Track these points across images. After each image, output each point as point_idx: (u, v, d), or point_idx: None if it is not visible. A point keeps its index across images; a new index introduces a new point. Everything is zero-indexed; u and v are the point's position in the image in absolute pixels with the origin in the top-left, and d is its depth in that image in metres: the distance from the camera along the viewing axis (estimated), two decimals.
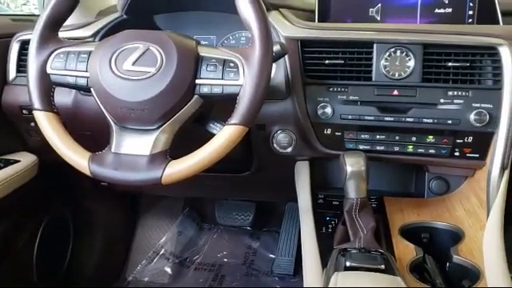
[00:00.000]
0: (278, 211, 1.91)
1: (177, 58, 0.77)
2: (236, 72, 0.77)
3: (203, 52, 0.80)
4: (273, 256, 1.77)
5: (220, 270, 1.74)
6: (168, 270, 1.75)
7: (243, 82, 0.76)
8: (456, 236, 0.96)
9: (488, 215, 0.93)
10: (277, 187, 1.39)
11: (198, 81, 0.78)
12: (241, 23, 0.79)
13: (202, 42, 0.87)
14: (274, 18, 1.00)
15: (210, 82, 0.78)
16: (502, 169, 0.93)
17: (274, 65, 0.91)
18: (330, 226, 1.05)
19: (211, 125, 0.85)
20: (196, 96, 0.79)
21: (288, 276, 1.67)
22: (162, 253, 1.83)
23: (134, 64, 0.78)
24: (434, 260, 0.91)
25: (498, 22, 1.02)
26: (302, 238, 0.96)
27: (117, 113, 0.79)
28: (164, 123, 0.79)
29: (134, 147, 0.79)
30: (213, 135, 0.79)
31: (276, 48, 0.82)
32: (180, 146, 0.79)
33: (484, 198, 0.95)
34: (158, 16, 1.17)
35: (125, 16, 1.08)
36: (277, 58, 0.85)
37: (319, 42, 0.99)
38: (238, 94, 0.76)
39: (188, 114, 0.80)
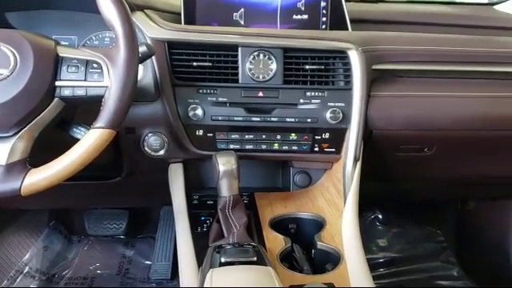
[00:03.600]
0: (152, 216, 1.88)
1: (33, 58, 0.72)
2: (100, 73, 0.74)
3: (63, 52, 0.76)
4: (149, 262, 1.74)
5: (93, 283, 1.65)
6: None
7: (108, 84, 0.74)
8: (319, 224, 1.04)
9: (345, 203, 1.02)
10: (150, 192, 1.37)
11: (58, 83, 0.74)
12: (104, 23, 0.76)
13: (62, 43, 0.83)
14: (138, 18, 0.98)
15: (71, 83, 0.74)
16: (355, 161, 1.03)
17: (141, 66, 0.89)
18: (205, 225, 1.07)
19: (75, 129, 0.81)
20: (57, 99, 0.74)
21: (166, 280, 1.65)
22: (26, 271, 1.66)
23: None
24: (302, 248, 0.98)
25: (347, 28, 1.13)
26: (177, 239, 0.96)
27: None
28: (21, 129, 0.73)
29: None
30: (77, 140, 0.75)
31: (142, 49, 0.81)
32: (42, 153, 0.74)
33: (341, 188, 1.04)
34: (11, 14, 1.07)
35: None
36: (143, 58, 0.84)
37: (186, 44, 1.00)
38: (103, 96, 0.74)
39: (48, 119, 0.75)
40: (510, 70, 1.13)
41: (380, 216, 1.87)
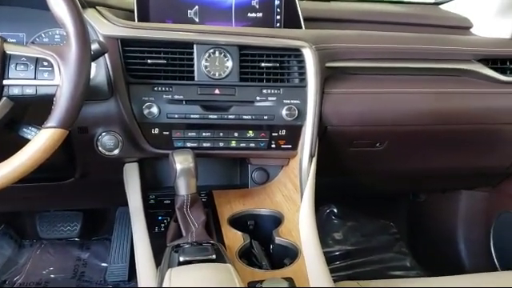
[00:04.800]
0: (108, 217, 1.84)
1: None
2: (51, 71, 0.72)
3: (10, 50, 0.73)
4: (105, 264, 1.70)
5: (47, 287, 1.60)
6: None
7: (60, 82, 0.72)
8: (277, 220, 1.05)
9: (302, 199, 1.04)
10: (105, 192, 1.34)
11: (5, 81, 0.71)
12: (54, 20, 0.74)
13: (9, 40, 0.79)
14: (90, 15, 0.96)
15: (20, 82, 0.72)
16: (311, 157, 1.05)
17: (93, 64, 0.88)
18: (162, 225, 1.06)
19: (25, 129, 0.78)
20: (4, 98, 0.72)
21: (123, 282, 1.63)
22: None
23: None
24: (260, 244, 0.99)
25: (300, 27, 1.15)
26: (134, 240, 0.95)
27: None
28: None
29: None
30: (28, 141, 0.72)
31: (94, 46, 0.79)
32: None
33: (298, 184, 1.06)
34: None
35: None
36: (96, 56, 0.82)
37: (140, 42, 0.98)
38: (54, 95, 0.72)
39: None
40: (455, 66, 1.18)
41: (335, 210, 1.92)
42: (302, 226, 0.98)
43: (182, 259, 0.78)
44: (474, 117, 1.19)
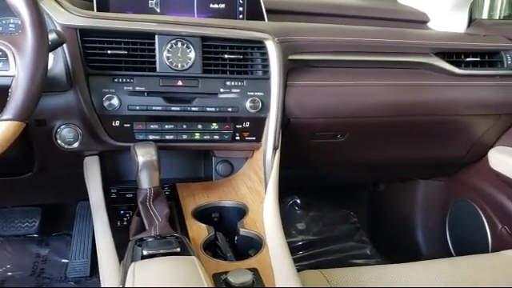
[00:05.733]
0: (68, 212, 1.79)
1: None
2: (5, 61, 0.70)
3: None
4: (66, 261, 1.66)
5: (3, 286, 1.55)
6: None
7: (15, 73, 0.69)
8: (242, 212, 1.05)
9: (266, 190, 1.05)
10: (65, 187, 1.31)
11: None
12: (8, 8, 0.71)
13: None
14: (47, 4, 0.93)
15: None
16: (274, 149, 1.06)
17: (51, 54, 0.85)
18: (125, 219, 1.04)
19: None
20: None
21: (84, 278, 1.60)
22: None
23: None
24: (225, 236, 0.99)
25: (263, 19, 1.15)
26: (95, 235, 0.93)
27: None
28: None
29: None
30: None
31: (52, 36, 0.77)
32: None
33: (262, 176, 1.07)
34: None
35: None
36: (54, 46, 0.79)
37: (99, 32, 0.96)
38: (10, 87, 0.69)
39: None
40: (413, 59, 1.21)
41: (299, 201, 1.94)
42: (266, 217, 0.99)
43: (145, 253, 0.77)
44: (431, 108, 1.23)
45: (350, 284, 0.99)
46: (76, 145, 0.99)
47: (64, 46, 0.90)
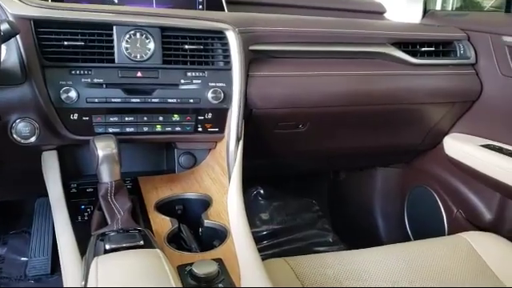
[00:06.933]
0: (26, 209, 1.74)
1: None
2: None
3: None
4: (25, 259, 1.61)
5: None
6: None
7: None
8: (206, 203, 1.06)
9: (230, 181, 1.05)
10: (22, 183, 1.26)
11: None
12: None
13: None
14: None
15: None
16: (237, 140, 1.06)
17: (3, 46, 0.82)
18: (86, 214, 1.02)
19: None
20: None
21: (45, 276, 1.56)
22: None
23: None
24: (190, 228, 0.99)
25: (223, 9, 1.15)
26: (56, 231, 0.91)
27: None
28: None
29: None
30: None
31: (4, 27, 0.74)
32: None
33: (225, 166, 1.07)
34: None
35: None
36: (6, 38, 0.77)
37: (55, 23, 0.93)
38: None
39: None
40: (371, 50, 1.24)
41: (262, 191, 1.96)
42: (230, 208, 0.99)
43: (108, 247, 0.76)
44: (388, 97, 1.27)
45: (313, 270, 1.01)
46: (33, 139, 0.96)
47: (17, 37, 0.87)
